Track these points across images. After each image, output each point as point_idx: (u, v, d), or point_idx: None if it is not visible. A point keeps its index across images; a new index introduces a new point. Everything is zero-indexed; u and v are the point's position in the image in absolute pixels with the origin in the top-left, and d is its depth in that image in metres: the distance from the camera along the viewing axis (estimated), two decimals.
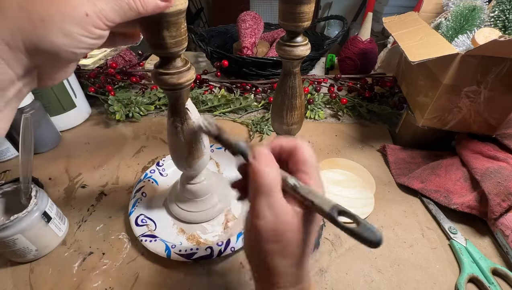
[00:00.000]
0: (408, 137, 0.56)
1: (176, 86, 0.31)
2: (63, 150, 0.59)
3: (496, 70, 0.41)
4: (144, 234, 0.40)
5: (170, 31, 0.26)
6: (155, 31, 0.26)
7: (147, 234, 0.40)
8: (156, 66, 0.30)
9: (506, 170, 0.42)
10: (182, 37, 0.28)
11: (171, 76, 0.30)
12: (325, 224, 0.45)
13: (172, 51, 0.28)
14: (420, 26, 0.52)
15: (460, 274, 0.38)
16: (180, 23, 0.27)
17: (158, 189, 0.49)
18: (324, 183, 0.24)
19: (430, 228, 0.44)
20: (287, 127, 0.46)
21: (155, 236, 0.40)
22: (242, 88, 0.73)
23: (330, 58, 0.87)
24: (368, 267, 0.39)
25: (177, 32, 0.27)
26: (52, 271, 0.39)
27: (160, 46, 0.27)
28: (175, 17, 0.26)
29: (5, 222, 0.34)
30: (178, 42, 0.28)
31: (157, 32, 0.26)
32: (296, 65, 0.40)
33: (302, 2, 0.33)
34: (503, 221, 0.40)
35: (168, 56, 0.29)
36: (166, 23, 0.26)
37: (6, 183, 0.41)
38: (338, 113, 0.70)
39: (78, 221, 0.45)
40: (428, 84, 0.49)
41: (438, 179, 0.48)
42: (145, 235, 0.40)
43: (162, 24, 0.26)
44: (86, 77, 0.70)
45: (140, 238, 0.40)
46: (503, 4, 0.46)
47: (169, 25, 0.26)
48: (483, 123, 0.47)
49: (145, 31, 0.27)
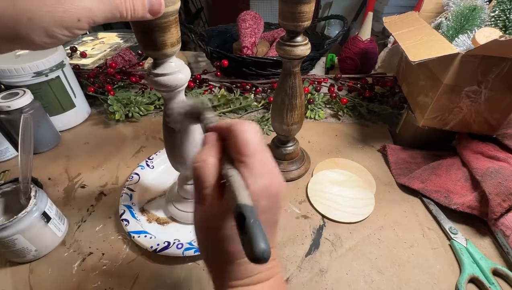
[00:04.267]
0: (409, 137, 0.56)
1: (171, 88, 0.30)
2: (63, 150, 0.59)
3: (497, 70, 0.41)
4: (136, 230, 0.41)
5: (161, 33, 0.26)
6: (146, 34, 0.26)
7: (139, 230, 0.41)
8: (150, 67, 0.30)
9: (507, 170, 0.42)
10: (174, 39, 0.28)
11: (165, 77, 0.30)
12: (325, 225, 0.44)
13: (164, 52, 0.28)
14: (420, 26, 0.52)
15: (461, 274, 0.38)
16: (169, 25, 0.26)
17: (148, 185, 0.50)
18: (274, 170, 0.21)
19: (430, 228, 0.44)
20: (287, 127, 0.46)
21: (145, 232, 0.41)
22: (242, 88, 0.73)
23: (330, 58, 0.87)
24: (368, 267, 0.39)
25: (168, 34, 0.27)
26: (51, 271, 0.39)
27: (152, 47, 0.27)
28: (165, 19, 0.26)
29: (4, 222, 0.34)
30: (170, 43, 0.28)
31: (148, 34, 0.26)
32: (296, 65, 0.40)
33: (302, 1, 0.33)
34: (504, 221, 0.40)
35: (159, 58, 0.29)
36: (157, 26, 0.26)
37: (6, 183, 0.40)
38: (338, 113, 0.69)
39: (78, 221, 0.45)
40: (428, 84, 0.49)
41: (438, 179, 0.47)
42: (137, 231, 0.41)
43: (153, 26, 0.26)
44: (86, 77, 0.70)
45: (133, 235, 0.40)
46: (504, 4, 0.46)
47: (160, 27, 0.26)
48: (483, 123, 0.47)
49: (137, 34, 0.27)
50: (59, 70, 0.57)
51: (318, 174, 0.52)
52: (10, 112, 0.50)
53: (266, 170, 0.20)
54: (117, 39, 0.96)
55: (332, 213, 0.46)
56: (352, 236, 0.43)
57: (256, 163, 0.20)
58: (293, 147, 0.51)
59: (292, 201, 0.48)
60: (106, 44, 0.93)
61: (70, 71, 0.61)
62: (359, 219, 0.45)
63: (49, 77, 0.56)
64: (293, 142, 0.52)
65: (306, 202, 0.48)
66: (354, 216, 0.45)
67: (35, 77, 0.54)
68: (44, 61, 0.54)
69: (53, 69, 0.56)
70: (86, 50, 0.86)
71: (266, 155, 0.21)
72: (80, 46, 0.90)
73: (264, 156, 0.20)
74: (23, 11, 0.18)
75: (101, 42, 0.95)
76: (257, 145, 0.20)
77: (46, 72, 0.55)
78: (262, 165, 0.20)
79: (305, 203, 0.48)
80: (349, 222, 0.45)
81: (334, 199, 0.48)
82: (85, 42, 0.95)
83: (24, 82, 0.54)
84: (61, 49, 0.58)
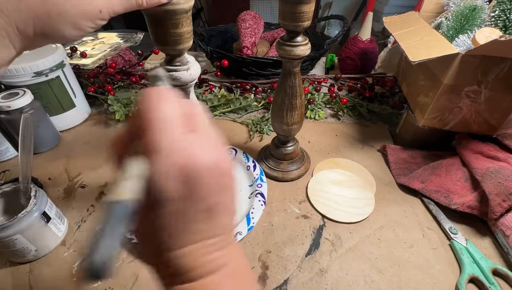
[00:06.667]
0: (409, 137, 0.56)
1: (183, 82, 0.32)
2: (63, 149, 0.59)
3: (497, 70, 0.41)
4: None
5: (175, 29, 0.28)
6: (161, 30, 0.28)
7: None
8: (162, 63, 0.32)
9: (507, 170, 0.42)
10: (187, 35, 0.29)
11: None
12: (325, 225, 0.44)
13: (178, 48, 0.30)
14: (420, 26, 0.52)
15: (461, 274, 0.38)
16: (183, 22, 0.28)
17: None
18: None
19: (430, 228, 0.44)
20: (287, 127, 0.46)
21: None
22: (242, 88, 0.72)
23: (330, 58, 0.87)
24: (368, 267, 0.39)
25: (182, 31, 0.28)
26: (51, 271, 0.39)
27: (166, 43, 0.29)
28: (179, 15, 0.27)
29: (4, 222, 0.34)
30: (183, 39, 0.29)
31: (162, 31, 0.28)
32: (296, 65, 0.40)
33: (302, 1, 0.33)
34: (504, 221, 0.40)
35: (173, 54, 0.31)
36: (171, 23, 0.27)
37: (6, 183, 0.40)
38: (339, 113, 0.69)
39: (78, 221, 0.45)
40: (428, 84, 0.49)
41: (438, 179, 0.47)
42: None
43: (167, 23, 0.27)
44: (86, 77, 0.70)
45: None
46: (504, 4, 0.46)
47: (174, 24, 0.27)
48: (483, 123, 0.47)
49: (152, 30, 0.28)
50: (59, 70, 0.57)
51: (318, 174, 0.52)
52: (10, 112, 0.50)
53: (177, 146, 0.16)
54: (117, 39, 0.96)
55: (332, 213, 0.46)
56: (352, 236, 0.43)
57: (162, 140, 0.16)
58: (293, 147, 0.51)
59: (292, 201, 0.48)
60: (106, 44, 0.93)
61: (70, 71, 0.61)
62: (359, 219, 0.45)
63: (49, 77, 0.56)
64: (293, 142, 0.52)
65: (306, 202, 0.48)
66: (354, 216, 0.45)
67: (35, 77, 0.54)
68: (44, 61, 0.54)
69: (53, 69, 0.56)
70: (86, 50, 0.86)
71: (176, 128, 0.17)
72: (80, 46, 0.90)
73: (174, 129, 0.16)
74: (53, 7, 0.19)
75: (101, 42, 0.95)
76: (162, 113, 0.16)
77: (46, 72, 0.55)
78: (172, 141, 0.16)
79: (305, 203, 0.48)
80: (349, 222, 0.45)
81: (334, 199, 0.48)
82: (85, 42, 0.94)
83: (24, 82, 0.54)
84: (61, 49, 0.58)
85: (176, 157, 0.16)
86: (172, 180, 0.16)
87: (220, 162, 0.17)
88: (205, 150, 0.17)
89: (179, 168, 0.16)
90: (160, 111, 0.16)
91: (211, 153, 0.17)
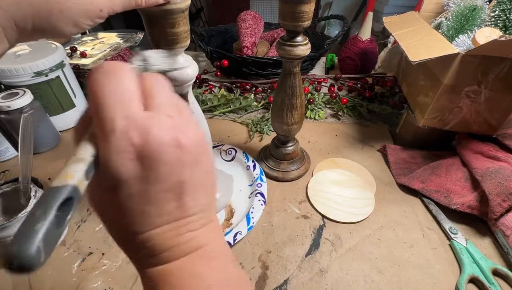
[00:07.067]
0: (409, 137, 0.56)
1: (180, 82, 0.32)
2: (63, 149, 0.59)
3: (497, 70, 0.41)
4: None
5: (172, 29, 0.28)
6: (158, 30, 0.28)
7: None
8: None
9: (507, 170, 0.42)
10: (184, 35, 0.29)
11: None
12: (325, 225, 0.44)
13: (175, 48, 0.29)
14: (420, 26, 0.52)
15: (461, 274, 0.38)
16: (180, 22, 0.28)
17: None
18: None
19: (430, 228, 0.44)
20: (287, 127, 0.46)
21: None
22: (242, 88, 0.72)
23: (330, 58, 0.87)
24: (368, 267, 0.39)
25: (179, 30, 0.28)
26: (51, 271, 0.38)
27: (164, 43, 0.29)
28: (176, 15, 0.27)
29: (4, 222, 0.34)
30: (180, 39, 0.29)
31: (160, 31, 0.28)
32: (296, 65, 0.40)
33: (302, 1, 0.33)
34: (504, 221, 0.40)
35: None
36: (168, 22, 0.27)
37: (6, 183, 0.40)
38: (339, 113, 0.69)
39: (78, 221, 0.45)
40: (428, 84, 0.49)
41: (438, 179, 0.47)
42: None
43: (164, 23, 0.27)
44: (86, 77, 0.70)
45: None
46: (504, 4, 0.46)
47: (171, 24, 0.27)
48: (483, 123, 0.47)
49: (149, 30, 0.28)
50: (59, 70, 0.57)
51: (318, 174, 0.52)
52: (10, 112, 0.50)
53: (132, 124, 0.15)
54: (117, 39, 0.96)
55: (332, 213, 0.46)
56: (352, 236, 0.43)
57: (115, 117, 0.15)
58: (293, 146, 0.51)
59: (292, 201, 0.48)
60: (106, 44, 0.93)
61: (70, 71, 0.61)
62: (359, 219, 0.45)
63: (49, 77, 0.56)
64: (293, 142, 0.52)
65: (306, 202, 0.48)
66: (354, 216, 0.45)
67: (35, 77, 0.54)
68: (44, 61, 0.54)
69: (53, 69, 0.56)
70: (86, 50, 0.86)
71: (131, 104, 0.15)
72: (80, 46, 0.90)
73: (129, 105, 0.15)
74: (55, 4, 0.20)
75: (101, 42, 0.95)
76: (114, 88, 0.15)
77: (46, 72, 0.55)
78: (127, 118, 0.15)
79: (305, 203, 0.48)
80: (349, 222, 0.45)
81: (334, 199, 0.48)
82: (85, 42, 0.94)
83: (24, 82, 0.54)
84: (61, 49, 0.58)
85: (130, 135, 0.15)
86: (126, 159, 0.15)
87: (183, 138, 0.16)
88: (163, 127, 0.16)
89: (134, 147, 0.15)
90: (111, 85, 0.15)
91: (171, 130, 0.16)
